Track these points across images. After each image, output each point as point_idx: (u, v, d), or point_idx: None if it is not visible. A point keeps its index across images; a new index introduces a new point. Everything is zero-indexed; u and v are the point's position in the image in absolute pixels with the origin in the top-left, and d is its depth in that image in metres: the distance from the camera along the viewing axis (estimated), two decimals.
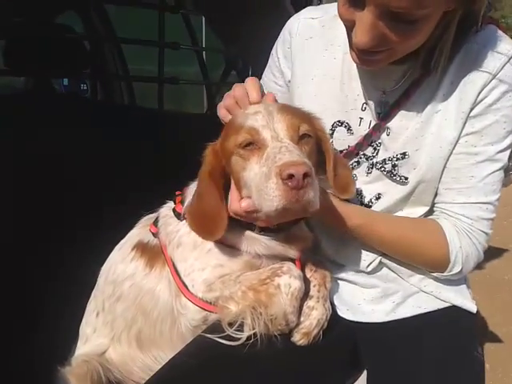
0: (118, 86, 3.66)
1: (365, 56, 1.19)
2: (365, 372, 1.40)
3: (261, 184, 1.09)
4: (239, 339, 1.17)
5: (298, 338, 1.22)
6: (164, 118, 3.03)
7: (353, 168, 1.39)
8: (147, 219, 1.46)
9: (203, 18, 3.95)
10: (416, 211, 1.38)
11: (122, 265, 1.40)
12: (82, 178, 2.23)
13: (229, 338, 1.18)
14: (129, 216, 1.45)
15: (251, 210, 1.14)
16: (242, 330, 1.17)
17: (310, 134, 1.18)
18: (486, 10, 1.21)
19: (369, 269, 1.39)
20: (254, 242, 1.25)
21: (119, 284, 1.39)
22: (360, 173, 1.39)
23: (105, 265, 1.48)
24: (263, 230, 1.25)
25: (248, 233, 1.25)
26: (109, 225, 1.61)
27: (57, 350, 1.46)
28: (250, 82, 1.27)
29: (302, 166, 1.04)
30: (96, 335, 1.44)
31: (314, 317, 1.22)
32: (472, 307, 1.40)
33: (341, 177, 1.26)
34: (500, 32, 1.27)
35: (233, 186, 1.21)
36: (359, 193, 1.40)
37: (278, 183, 1.04)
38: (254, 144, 1.14)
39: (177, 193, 1.41)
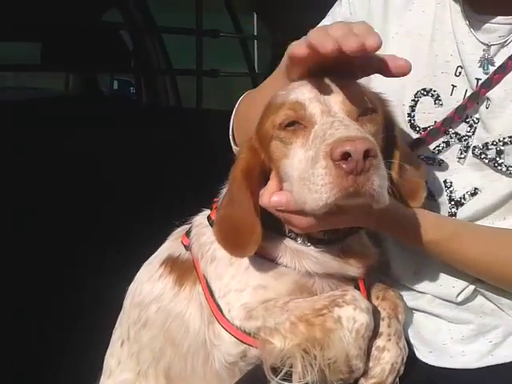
0: (162, 83, 3.55)
1: None
2: None
3: (305, 171, 0.86)
4: None
5: None
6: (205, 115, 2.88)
7: (439, 151, 1.14)
8: (181, 230, 1.28)
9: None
10: None
11: (148, 284, 1.24)
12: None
13: None
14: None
15: (280, 208, 0.94)
16: (290, 380, 0.96)
17: (374, 108, 0.94)
18: None
19: (459, 298, 1.14)
20: (301, 256, 1.04)
21: (145, 307, 1.23)
22: (449, 158, 1.14)
23: (132, 284, 1.31)
24: (310, 242, 1.03)
25: (292, 243, 1.05)
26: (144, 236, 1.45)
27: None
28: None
29: (363, 140, 0.80)
30: (120, 369, 1.29)
31: (385, 361, 1.02)
32: None
33: (410, 178, 1.04)
34: None
35: (272, 175, 1.01)
36: (448, 185, 1.14)
37: (328, 167, 0.81)
38: (298, 123, 0.92)
39: (214, 200, 1.21)
